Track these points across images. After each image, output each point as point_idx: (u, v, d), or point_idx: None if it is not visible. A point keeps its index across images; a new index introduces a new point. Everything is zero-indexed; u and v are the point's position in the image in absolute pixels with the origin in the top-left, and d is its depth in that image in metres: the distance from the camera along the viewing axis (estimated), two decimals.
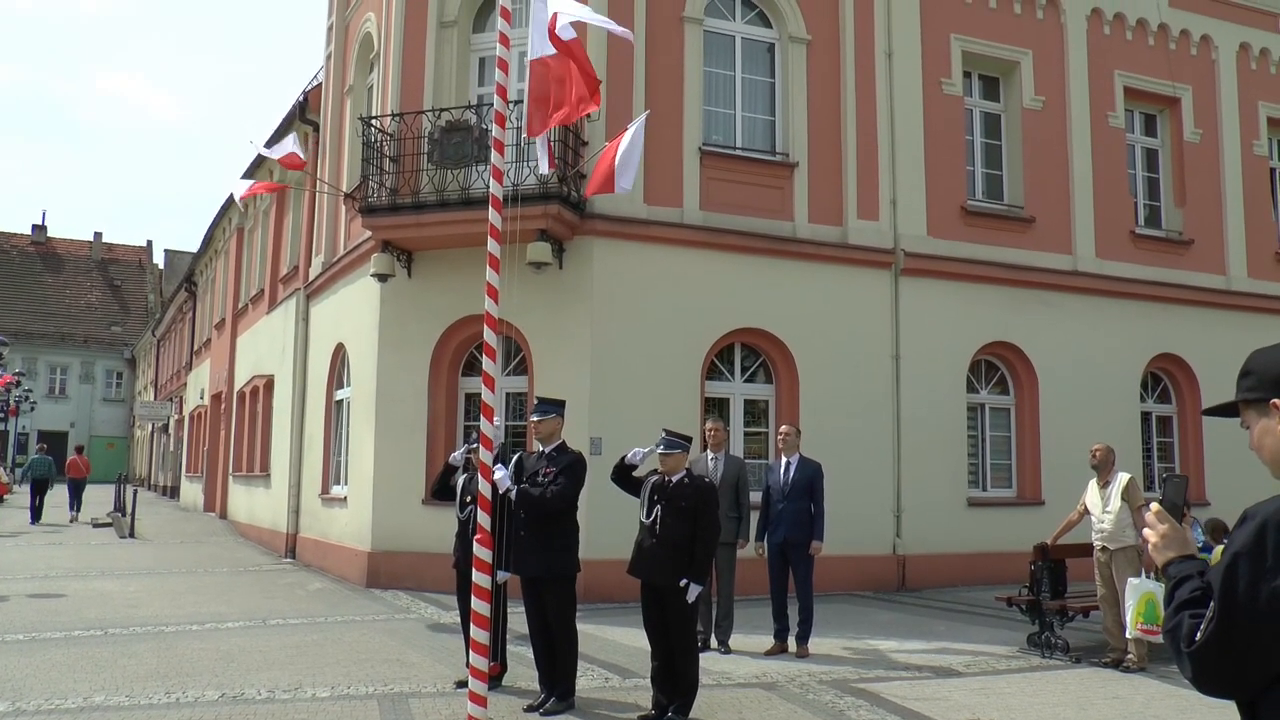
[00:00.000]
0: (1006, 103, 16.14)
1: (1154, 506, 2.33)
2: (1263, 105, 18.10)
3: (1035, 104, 15.92)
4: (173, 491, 38.64)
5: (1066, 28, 16.32)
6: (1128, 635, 2.73)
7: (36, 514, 24.65)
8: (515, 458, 7.52)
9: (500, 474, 6.77)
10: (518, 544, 7.11)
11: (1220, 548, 10.25)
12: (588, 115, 7.96)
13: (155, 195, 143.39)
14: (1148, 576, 2.45)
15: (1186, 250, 16.99)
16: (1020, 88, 15.92)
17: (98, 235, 68.95)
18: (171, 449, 40.57)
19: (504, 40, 7.04)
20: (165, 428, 41.69)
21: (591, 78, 6.96)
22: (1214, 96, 17.63)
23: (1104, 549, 9.20)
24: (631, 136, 9.59)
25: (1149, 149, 17.50)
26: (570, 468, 7.17)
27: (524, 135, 11.55)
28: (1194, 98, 17.40)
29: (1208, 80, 17.63)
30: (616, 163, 9.59)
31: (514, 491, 7.02)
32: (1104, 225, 16.17)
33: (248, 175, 21.38)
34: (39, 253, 66.17)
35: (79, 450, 28.85)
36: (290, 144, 13.76)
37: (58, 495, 28.23)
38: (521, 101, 12.05)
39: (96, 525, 23.54)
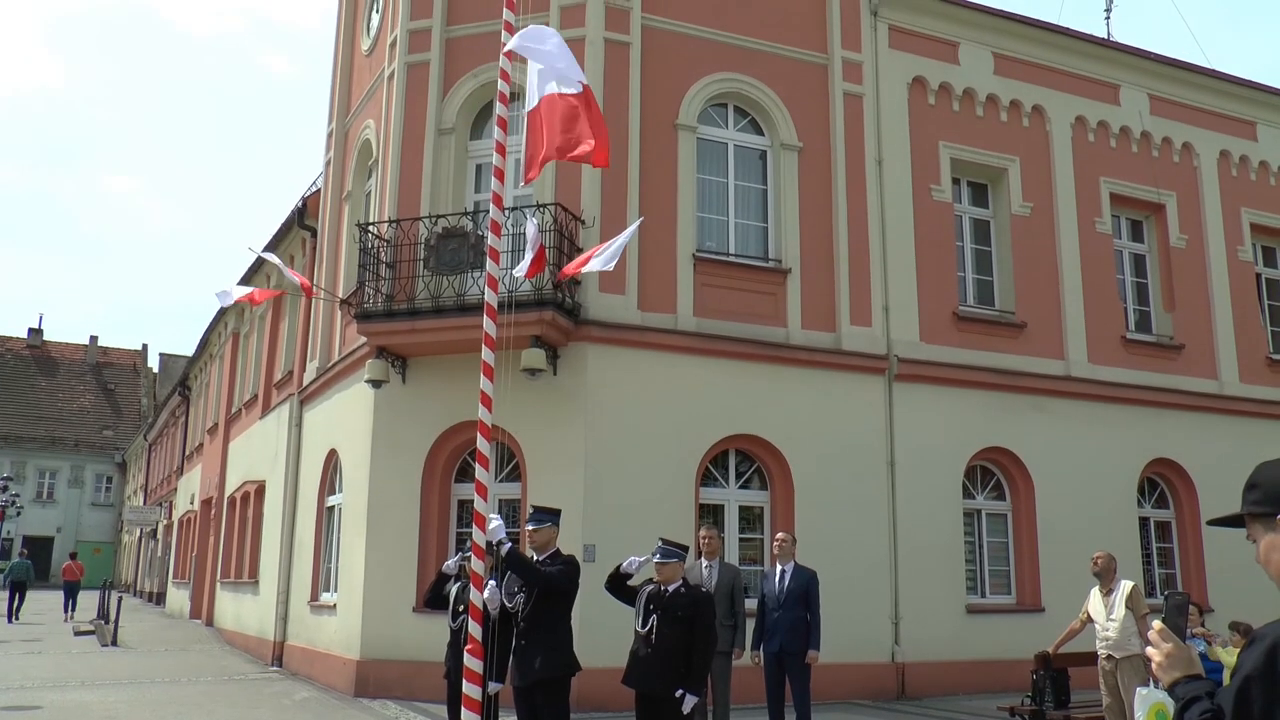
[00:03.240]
0: (995, 209, 16.39)
1: (1157, 625, 2.29)
2: (1245, 211, 18.40)
3: (1024, 210, 16.17)
4: (159, 598, 38.05)
5: (1052, 135, 16.67)
6: None
7: (13, 614, 26.75)
8: (506, 575, 7.33)
9: (495, 523, 6.60)
10: (517, 652, 6.95)
11: (1223, 651, 10.09)
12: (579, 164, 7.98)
13: (152, 299, 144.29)
14: (1155, 686, 2.40)
15: (1178, 355, 17.08)
16: (1008, 194, 16.18)
17: (93, 339, 69.29)
18: (159, 554, 40.07)
19: (500, 149, 7.15)
20: (154, 533, 41.24)
21: (601, 129, 6.91)
22: (1198, 202, 17.93)
23: (1109, 658, 9.04)
24: (621, 237, 9.68)
25: (1137, 254, 17.72)
26: (565, 565, 7.04)
27: (520, 241, 11.75)
28: (1178, 204, 17.69)
29: (1191, 186, 17.94)
30: (596, 252, 9.68)
31: (506, 547, 6.82)
32: (1095, 330, 16.29)
33: (245, 281, 21.56)
34: (34, 356, 66.32)
35: (73, 556, 32.04)
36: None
37: (43, 601, 28.53)
38: (518, 208, 12.30)
39: (78, 633, 23.10)
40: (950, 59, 16.10)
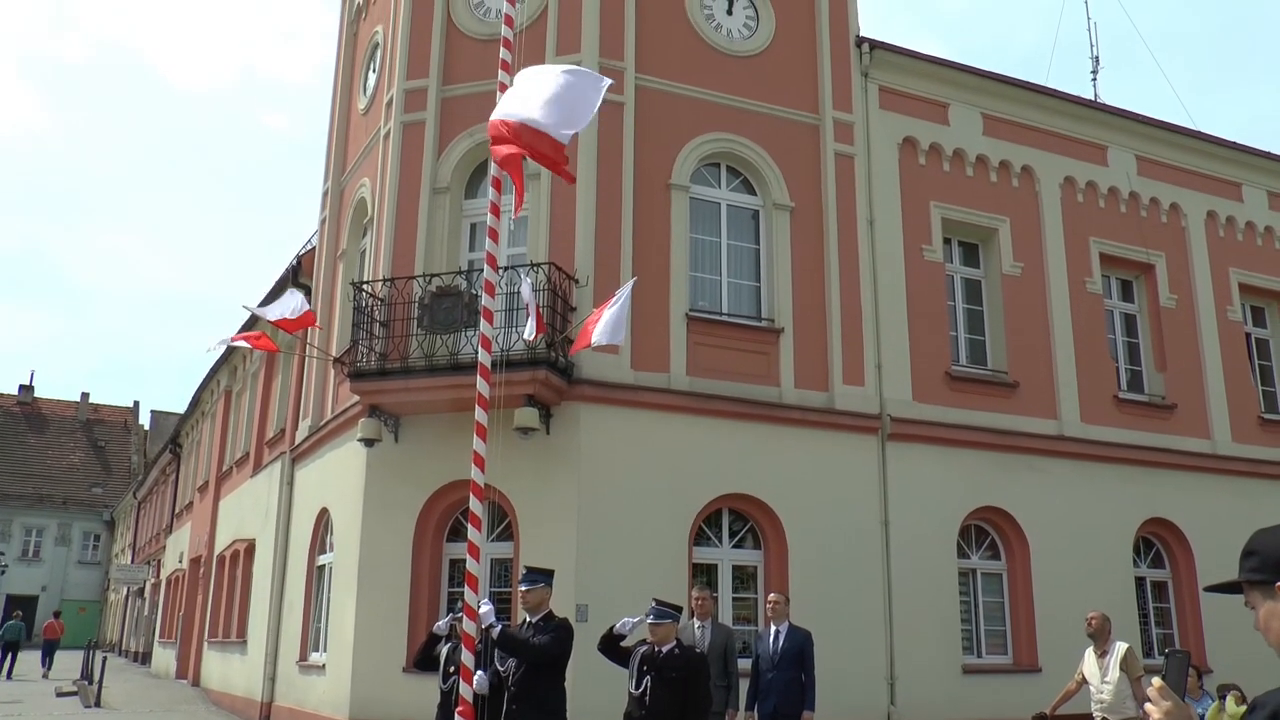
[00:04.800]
0: (986, 269, 16.49)
1: (1156, 682, 2.27)
2: (1234, 271, 18.53)
3: (1014, 270, 16.27)
4: (144, 658, 37.55)
5: (1041, 196, 16.82)
6: None
7: (8, 673, 28.12)
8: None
9: (485, 608, 6.59)
10: (508, 717, 6.87)
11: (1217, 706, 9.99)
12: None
13: (144, 356, 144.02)
14: None
15: (1170, 414, 17.10)
16: (999, 254, 16.29)
17: (84, 395, 69.01)
18: (146, 613, 39.61)
19: (494, 209, 7.21)
20: (141, 591, 40.81)
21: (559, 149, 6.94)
22: (1186, 263, 18.05)
23: None
24: (619, 300, 9.74)
25: (1127, 314, 17.81)
26: (557, 631, 6.99)
27: (515, 301, 11.79)
28: (1167, 264, 17.81)
29: (1179, 247, 18.08)
30: (600, 322, 9.74)
31: (496, 630, 6.79)
32: (1087, 390, 16.31)
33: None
34: (24, 413, 66.03)
35: (56, 615, 34.98)
36: (294, 301, 13.19)
37: (24, 662, 28.75)
38: (512, 268, 12.35)
39: (60, 694, 22.71)
40: (940, 120, 16.30)
